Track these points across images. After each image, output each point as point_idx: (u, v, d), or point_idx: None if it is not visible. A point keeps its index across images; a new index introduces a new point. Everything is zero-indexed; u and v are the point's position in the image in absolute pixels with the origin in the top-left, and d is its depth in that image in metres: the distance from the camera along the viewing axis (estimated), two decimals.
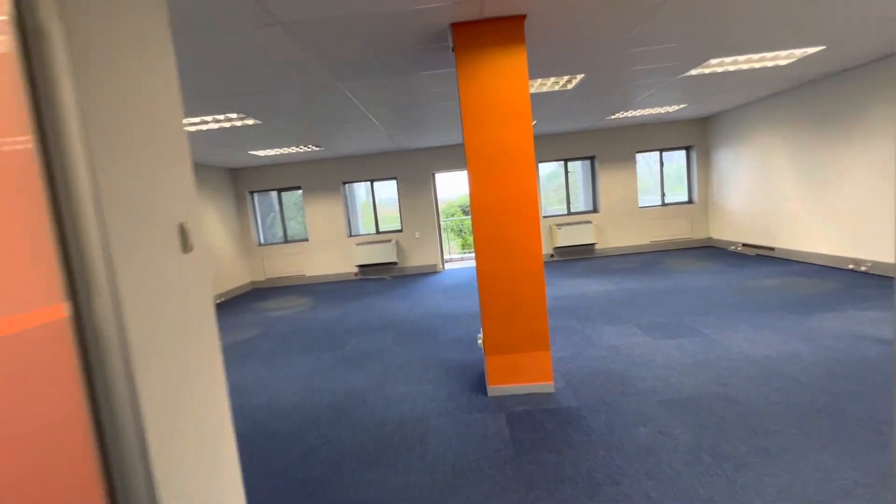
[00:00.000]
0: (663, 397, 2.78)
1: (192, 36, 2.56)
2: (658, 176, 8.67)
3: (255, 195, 8.94)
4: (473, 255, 11.13)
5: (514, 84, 2.80)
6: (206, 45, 2.72)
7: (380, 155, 8.51)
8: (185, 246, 1.05)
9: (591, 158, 8.59)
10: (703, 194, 8.45)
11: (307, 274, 8.85)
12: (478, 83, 2.81)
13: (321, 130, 5.72)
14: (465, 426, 2.67)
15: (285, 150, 6.99)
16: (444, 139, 7.56)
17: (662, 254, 8.17)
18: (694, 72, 4.55)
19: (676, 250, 8.41)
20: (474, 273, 7.92)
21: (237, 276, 8.41)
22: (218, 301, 7.57)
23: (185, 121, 4.43)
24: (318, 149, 7.14)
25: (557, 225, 8.38)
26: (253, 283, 8.91)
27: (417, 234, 8.71)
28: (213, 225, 7.79)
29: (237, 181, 8.71)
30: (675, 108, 6.69)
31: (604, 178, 8.47)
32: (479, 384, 3.23)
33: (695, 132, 8.33)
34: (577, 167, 8.92)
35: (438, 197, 8.92)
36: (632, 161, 8.44)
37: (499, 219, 2.90)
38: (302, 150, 7.16)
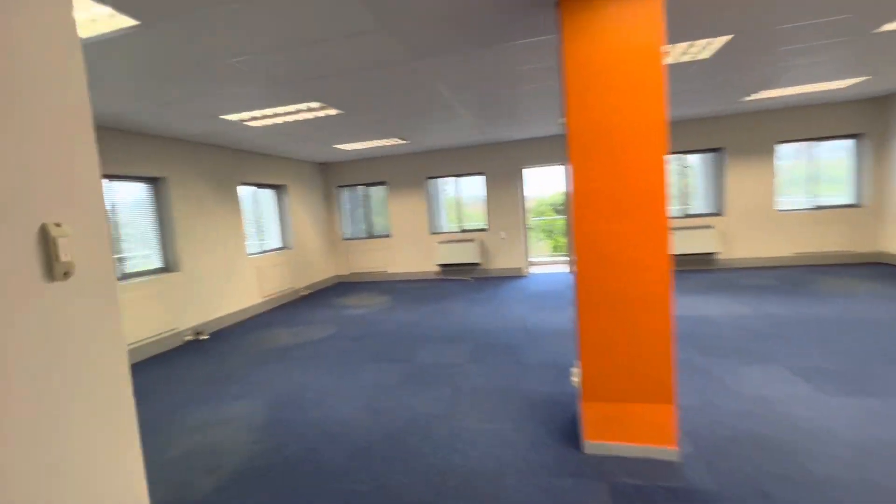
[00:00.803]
0: (864, 498, 1.84)
1: (259, 8, 2.25)
2: (806, 172, 6.95)
3: (344, 190, 9.02)
4: (564, 259, 10.21)
5: (643, 42, 2.05)
6: (273, 16, 2.40)
7: (467, 149, 8.01)
8: (54, 267, 0.59)
9: (717, 151, 7.16)
10: (875, 196, 6.57)
11: (389, 270, 8.71)
12: (589, 42, 2.12)
13: (404, 121, 5.37)
14: (552, 496, 2.02)
15: (370, 144, 6.82)
16: (534, 130, 6.81)
17: (811, 270, 6.51)
18: (890, 26, 3.29)
19: (831, 266, 6.65)
20: (563, 280, 7.05)
21: (323, 270, 8.55)
22: (304, 293, 7.72)
23: (270, 111, 4.32)
24: (402, 142, 6.85)
25: (670, 229, 7.12)
26: (337, 276, 9.02)
27: (503, 234, 8.06)
28: (302, 218, 7.96)
29: (326, 175, 8.85)
30: (846, 83, 5.16)
31: (733, 175, 7.00)
32: (572, 433, 2.54)
33: (867, 116, 6.49)
34: (696, 161, 7.53)
35: (526, 194, 8.17)
36: (769, 154, 6.86)
37: (611, 224, 2.18)
38: (387, 144, 6.94)
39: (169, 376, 4.06)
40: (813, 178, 6.95)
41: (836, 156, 6.93)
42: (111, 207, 4.63)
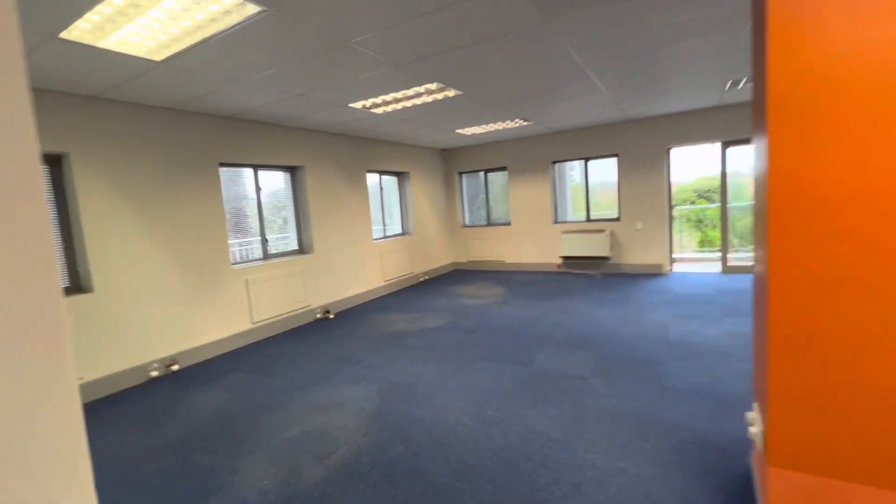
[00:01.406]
0: None
1: None
2: None
3: (464, 176, 8.89)
4: (714, 255, 8.56)
5: None
6: None
7: (598, 128, 7.14)
8: None
9: None
10: None
11: (506, 260, 8.36)
12: None
13: (529, 99, 4.88)
14: None
15: (491, 127, 6.47)
16: (683, 101, 5.66)
17: None
18: None
19: None
20: (716, 282, 5.84)
21: (441, 256, 8.59)
22: (422, 279, 7.84)
23: (391, 96, 4.26)
24: (526, 123, 6.36)
25: None
26: (455, 263, 9.00)
27: (639, 225, 7.04)
28: (423, 204, 8.04)
29: (447, 162, 8.81)
30: None
31: None
32: (743, 496, 1.90)
33: None
34: None
35: (671, 180, 6.97)
36: None
37: (844, 220, 1.47)
38: (509, 126, 6.52)
39: (299, 352, 4.36)
40: None
41: None
42: (257, 194, 5.14)
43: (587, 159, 7.48)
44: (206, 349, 4.33)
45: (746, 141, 6.35)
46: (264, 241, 5.22)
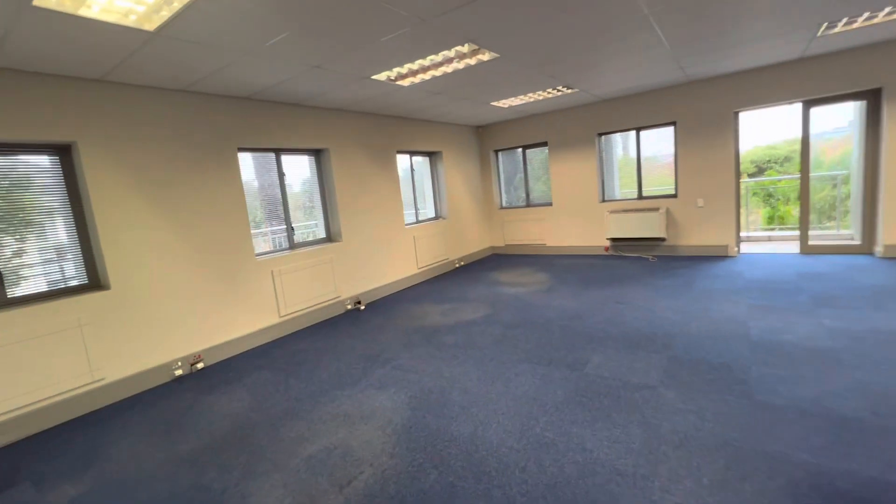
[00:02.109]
0: None
1: None
2: None
3: (500, 154, 8.29)
4: (789, 233, 7.54)
5: None
6: None
7: (652, 93, 6.32)
8: None
9: None
10: None
11: (548, 244, 7.77)
12: None
13: (574, 60, 4.24)
14: None
15: (530, 98, 5.84)
16: (761, 54, 4.79)
17: None
18: None
19: None
20: (796, 264, 5.04)
21: (478, 240, 8.11)
22: (458, 265, 7.42)
23: (417, 64, 3.78)
24: (569, 91, 5.68)
25: None
26: (492, 247, 8.49)
27: (700, 202, 6.24)
28: (457, 186, 7.55)
29: (482, 139, 8.23)
30: None
31: None
32: None
33: None
34: None
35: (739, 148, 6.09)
36: None
37: None
38: (550, 96, 5.86)
39: (327, 347, 4.07)
40: None
41: None
42: (280, 180, 4.84)
43: (639, 129, 6.69)
44: (233, 345, 4.13)
45: (835, 99, 5.38)
46: (290, 230, 4.95)
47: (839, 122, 6.89)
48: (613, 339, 3.54)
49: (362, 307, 5.38)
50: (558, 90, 5.57)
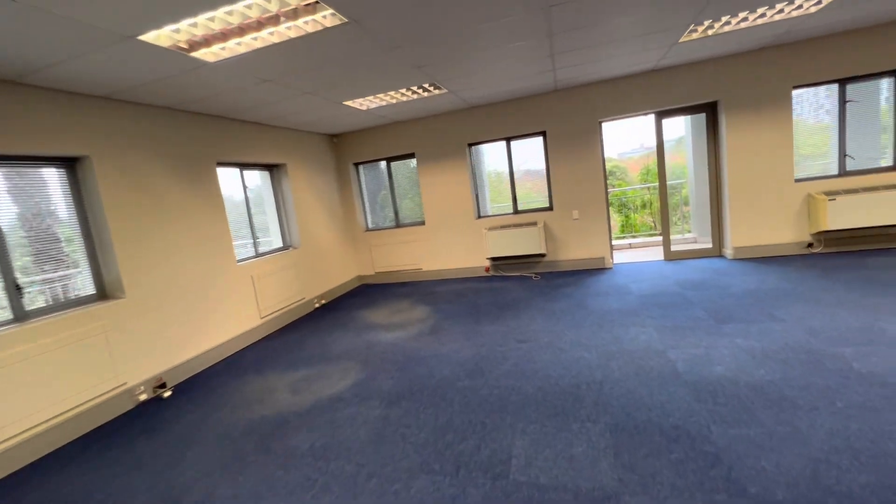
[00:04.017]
0: None
1: None
2: None
3: (361, 168, 7.11)
4: (644, 240, 7.97)
5: None
6: None
7: (521, 101, 5.93)
8: None
9: None
10: None
11: (424, 268, 6.83)
12: None
13: (442, 46, 3.37)
14: None
15: (394, 99, 4.85)
16: (621, 63, 4.67)
17: None
18: None
19: None
20: (668, 273, 4.94)
21: (342, 270, 6.74)
22: (318, 304, 5.95)
23: (225, 9, 2.42)
24: (437, 92, 4.85)
25: (827, 193, 4.94)
26: (360, 277, 7.21)
27: (576, 214, 6.02)
28: (311, 207, 6.11)
29: (339, 151, 6.95)
30: None
31: None
32: None
33: None
34: (864, 92, 5.21)
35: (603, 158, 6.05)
36: None
37: None
38: (416, 97, 4.96)
39: (83, 496, 2.32)
40: None
41: None
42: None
43: (509, 139, 6.25)
44: None
45: (682, 111, 5.63)
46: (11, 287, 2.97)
47: (677, 132, 7.54)
48: (532, 403, 2.64)
49: (167, 393, 3.58)
50: (425, 90, 4.69)
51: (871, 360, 2.61)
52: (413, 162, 6.72)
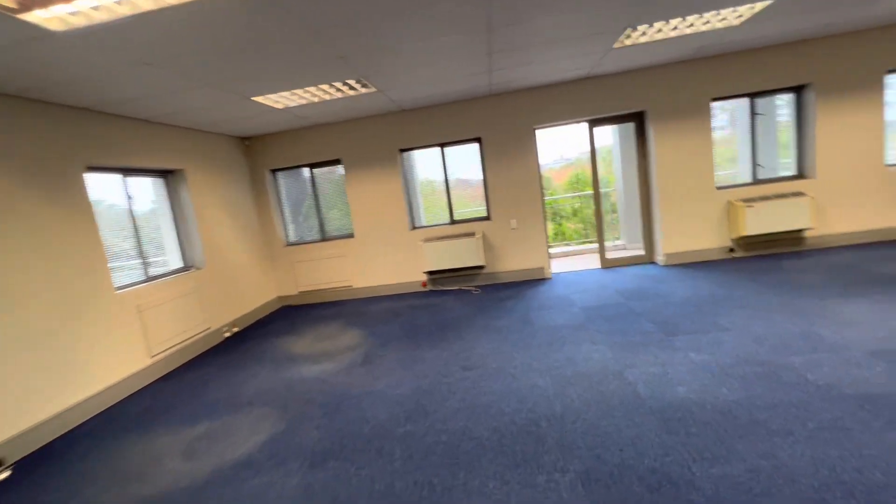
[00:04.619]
0: None
1: None
2: None
3: (280, 175, 6.35)
4: (576, 248, 8.01)
5: None
6: None
7: (456, 105, 5.62)
8: None
9: (800, 89, 5.26)
10: None
11: (355, 285, 6.22)
12: None
13: (368, 36, 2.91)
14: None
15: (315, 96, 4.26)
16: (556, 68, 4.55)
17: None
18: None
19: None
20: (607, 282, 4.87)
21: (258, 291, 5.91)
22: (228, 333, 5.10)
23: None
24: (364, 90, 4.36)
25: (745, 201, 5.19)
26: (281, 298, 6.40)
27: (514, 223, 5.81)
28: (217, 219, 5.26)
29: (253, 155, 6.14)
30: None
31: (825, 121, 5.13)
32: None
33: None
34: (769, 106, 5.59)
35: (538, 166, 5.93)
36: (877, 87, 5.05)
37: None
38: (342, 95, 4.41)
39: None
40: None
41: None
42: None
43: (444, 145, 5.91)
44: None
45: (613, 120, 5.68)
46: None
47: (606, 141, 7.71)
48: (488, 451, 2.23)
49: (3, 475, 2.66)
50: (351, 87, 4.18)
51: (822, 370, 2.56)
52: (340, 168, 6.11)
